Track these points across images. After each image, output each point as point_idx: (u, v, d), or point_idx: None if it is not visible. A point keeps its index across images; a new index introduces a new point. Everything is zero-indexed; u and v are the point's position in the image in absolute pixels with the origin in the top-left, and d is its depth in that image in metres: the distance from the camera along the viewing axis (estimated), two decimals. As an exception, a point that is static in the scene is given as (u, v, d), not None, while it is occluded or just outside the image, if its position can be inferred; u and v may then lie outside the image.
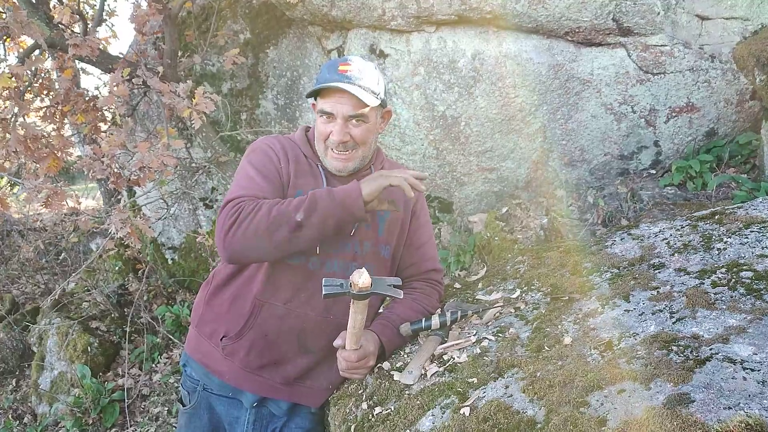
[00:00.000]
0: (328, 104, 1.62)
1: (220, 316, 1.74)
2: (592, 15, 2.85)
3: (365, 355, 1.61)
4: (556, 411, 1.18)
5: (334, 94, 1.61)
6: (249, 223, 1.50)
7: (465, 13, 2.98)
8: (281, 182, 1.66)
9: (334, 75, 1.61)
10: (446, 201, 3.67)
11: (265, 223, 1.50)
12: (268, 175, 1.65)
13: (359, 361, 1.60)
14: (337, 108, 1.62)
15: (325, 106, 1.63)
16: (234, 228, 1.51)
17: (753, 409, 0.98)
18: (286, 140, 1.77)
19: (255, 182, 1.62)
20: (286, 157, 1.70)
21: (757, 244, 1.55)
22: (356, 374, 1.66)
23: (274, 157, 1.69)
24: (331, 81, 1.60)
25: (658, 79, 2.98)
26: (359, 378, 1.67)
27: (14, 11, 2.82)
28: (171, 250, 4.79)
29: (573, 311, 1.60)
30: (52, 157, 3.06)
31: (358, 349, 1.60)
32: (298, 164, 1.71)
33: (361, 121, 1.65)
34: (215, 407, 1.81)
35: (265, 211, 1.51)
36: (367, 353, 1.62)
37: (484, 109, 3.17)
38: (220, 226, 1.55)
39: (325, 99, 1.63)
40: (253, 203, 1.53)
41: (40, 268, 5.56)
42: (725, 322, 1.27)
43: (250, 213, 1.51)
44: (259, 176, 1.64)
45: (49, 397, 4.14)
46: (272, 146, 1.72)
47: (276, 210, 1.51)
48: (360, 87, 1.60)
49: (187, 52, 3.95)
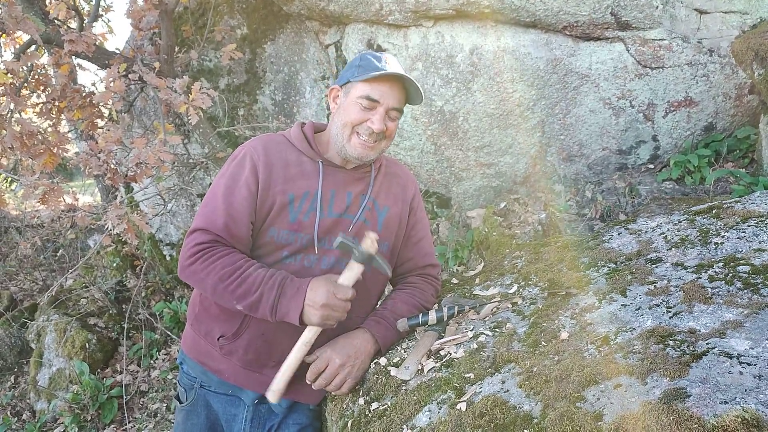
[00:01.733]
0: (377, 92, 1.60)
1: (216, 316, 1.73)
2: (590, 9, 2.84)
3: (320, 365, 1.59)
4: (553, 406, 1.18)
5: (384, 82, 1.61)
6: (202, 279, 1.56)
7: (463, 8, 2.97)
8: (251, 201, 1.62)
9: (386, 66, 1.62)
10: (444, 196, 3.66)
11: (210, 291, 1.56)
12: (235, 202, 1.61)
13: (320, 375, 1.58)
14: (386, 97, 1.61)
15: (373, 92, 1.60)
16: (189, 271, 1.58)
17: (749, 404, 0.98)
18: (274, 142, 1.72)
19: (217, 213, 1.60)
20: (269, 164, 1.65)
21: (755, 239, 1.55)
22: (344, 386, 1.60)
23: (246, 174, 1.63)
24: (385, 70, 1.60)
25: (657, 74, 2.97)
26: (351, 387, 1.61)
27: (9, 7, 2.80)
28: (169, 247, 4.79)
29: (570, 306, 1.59)
30: (48, 154, 3.05)
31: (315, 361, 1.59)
32: (288, 167, 1.66)
33: (397, 116, 1.66)
34: (212, 404, 1.81)
35: (213, 281, 1.54)
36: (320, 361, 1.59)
37: (482, 104, 3.16)
38: (181, 257, 1.60)
39: (372, 86, 1.60)
40: (210, 258, 1.55)
41: (38, 265, 5.56)
42: (722, 317, 1.27)
43: (203, 269, 1.55)
44: (224, 204, 1.61)
45: (48, 394, 4.15)
46: (252, 156, 1.66)
47: (221, 288, 1.53)
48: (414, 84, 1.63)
49: (184, 48, 3.93)
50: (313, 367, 1.60)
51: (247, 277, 1.54)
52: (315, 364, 1.59)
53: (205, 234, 1.59)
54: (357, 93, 1.62)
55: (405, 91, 1.66)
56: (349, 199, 1.70)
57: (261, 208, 1.63)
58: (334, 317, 1.53)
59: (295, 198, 1.65)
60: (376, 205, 1.75)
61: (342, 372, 1.59)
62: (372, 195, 1.74)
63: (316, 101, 3.84)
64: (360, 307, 1.72)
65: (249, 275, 1.54)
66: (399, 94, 1.64)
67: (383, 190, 1.78)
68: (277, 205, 1.63)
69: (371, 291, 1.80)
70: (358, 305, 1.70)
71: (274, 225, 1.64)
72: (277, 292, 1.52)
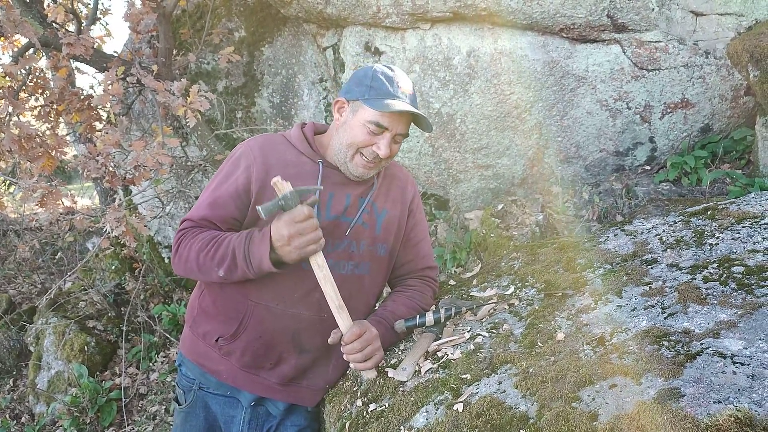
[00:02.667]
0: (386, 119, 1.59)
1: (214, 317, 1.74)
2: (587, 11, 2.85)
3: (363, 328, 1.58)
4: (549, 406, 1.19)
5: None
6: (185, 260, 1.59)
7: (460, 10, 2.98)
8: (237, 198, 1.63)
9: (398, 92, 1.61)
10: (442, 198, 3.67)
11: (196, 268, 1.58)
12: (220, 197, 1.63)
13: (360, 337, 1.56)
14: (394, 125, 1.60)
15: (383, 120, 1.59)
16: (176, 258, 1.62)
17: (742, 403, 0.98)
18: (272, 143, 1.71)
19: (202, 205, 1.64)
20: (266, 164, 1.65)
21: (749, 239, 1.56)
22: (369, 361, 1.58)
23: (239, 174, 1.64)
24: (396, 98, 1.59)
25: (653, 75, 2.98)
26: (378, 360, 1.60)
27: (7, 10, 2.81)
28: (167, 249, 4.79)
29: (566, 307, 1.60)
30: (46, 157, 3.05)
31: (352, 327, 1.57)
32: (287, 167, 1.65)
33: (401, 140, 1.67)
34: (211, 406, 1.81)
35: (194, 255, 1.57)
36: (363, 325, 1.59)
37: (480, 106, 3.17)
38: (172, 249, 1.65)
39: (382, 113, 1.59)
40: (189, 237, 1.59)
41: (37, 268, 5.56)
42: (716, 317, 1.28)
43: (185, 249, 1.59)
44: (210, 198, 1.64)
45: (47, 397, 4.14)
46: (247, 156, 1.66)
47: (202, 258, 1.56)
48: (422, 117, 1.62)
49: (182, 51, 3.94)
50: (356, 328, 1.57)
51: (222, 241, 1.56)
52: (355, 327, 1.56)
53: (187, 223, 1.64)
54: (366, 116, 1.60)
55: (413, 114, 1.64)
56: (348, 200, 1.70)
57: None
58: (310, 239, 1.47)
59: None
60: (374, 208, 1.75)
61: (376, 343, 1.60)
62: (372, 198, 1.74)
63: (314, 103, 3.85)
64: (359, 308, 1.73)
65: (223, 240, 1.56)
66: (408, 121, 1.64)
67: (382, 193, 1.78)
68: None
69: (370, 292, 1.81)
70: (357, 306, 1.71)
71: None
72: (245, 243, 1.52)
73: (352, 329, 1.56)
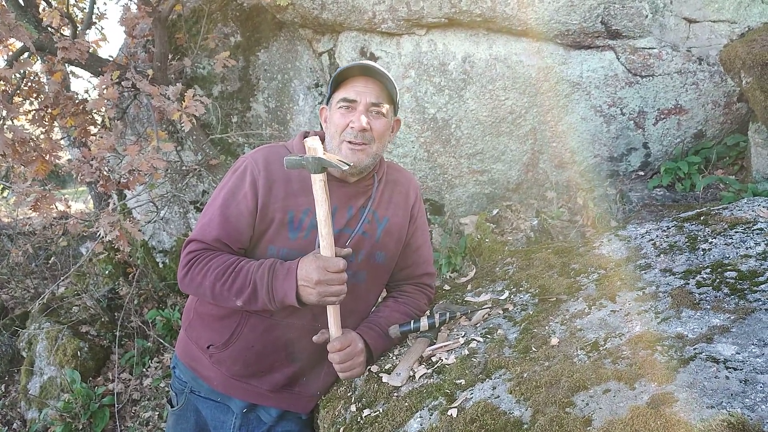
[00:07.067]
0: (353, 91, 1.61)
1: (208, 324, 1.73)
2: (581, 18, 2.87)
3: (349, 341, 1.60)
4: (543, 411, 1.19)
5: (357, 82, 1.61)
6: (197, 285, 1.58)
7: (455, 16, 2.99)
8: (249, 216, 1.62)
9: (352, 64, 1.62)
10: (437, 203, 3.67)
11: (210, 294, 1.57)
12: (231, 216, 1.62)
13: (342, 351, 1.59)
14: (362, 95, 1.60)
15: (349, 93, 1.61)
16: (187, 280, 1.59)
17: (735, 408, 0.99)
18: (276, 155, 1.69)
19: (213, 225, 1.62)
20: (269, 179, 1.64)
21: (742, 245, 1.57)
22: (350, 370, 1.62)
23: (246, 189, 1.63)
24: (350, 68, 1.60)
25: (647, 82, 3.00)
26: (356, 374, 1.64)
27: (2, 14, 2.80)
28: (162, 254, 4.77)
29: (560, 312, 1.60)
30: (40, 161, 3.04)
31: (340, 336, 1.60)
32: (290, 183, 1.65)
33: (381, 114, 1.64)
34: (201, 410, 1.80)
35: (209, 283, 1.55)
36: (349, 339, 1.61)
37: (475, 111, 3.18)
38: (179, 267, 1.62)
39: (347, 87, 1.61)
40: (203, 263, 1.57)
41: (30, 273, 5.52)
42: (709, 322, 1.28)
43: (198, 274, 1.57)
44: (220, 217, 1.62)
45: (39, 403, 4.11)
46: (252, 170, 1.65)
47: (219, 288, 1.55)
48: (386, 77, 1.62)
49: (178, 55, 3.94)
50: (343, 339, 1.59)
51: (240, 271, 1.54)
52: (342, 338, 1.59)
53: (197, 244, 1.61)
54: (335, 101, 1.64)
55: (385, 89, 1.63)
56: (350, 213, 1.70)
57: (260, 223, 1.63)
58: (332, 292, 1.50)
59: (295, 215, 1.63)
60: (375, 217, 1.74)
61: (361, 357, 1.62)
62: (372, 207, 1.73)
63: (310, 108, 3.85)
64: (353, 315, 1.73)
65: (241, 269, 1.55)
66: (376, 90, 1.62)
67: (384, 201, 1.77)
68: (276, 222, 1.62)
69: (369, 294, 1.81)
70: (351, 313, 1.70)
71: (273, 243, 1.63)
72: (268, 277, 1.52)
73: (334, 343, 1.59)
